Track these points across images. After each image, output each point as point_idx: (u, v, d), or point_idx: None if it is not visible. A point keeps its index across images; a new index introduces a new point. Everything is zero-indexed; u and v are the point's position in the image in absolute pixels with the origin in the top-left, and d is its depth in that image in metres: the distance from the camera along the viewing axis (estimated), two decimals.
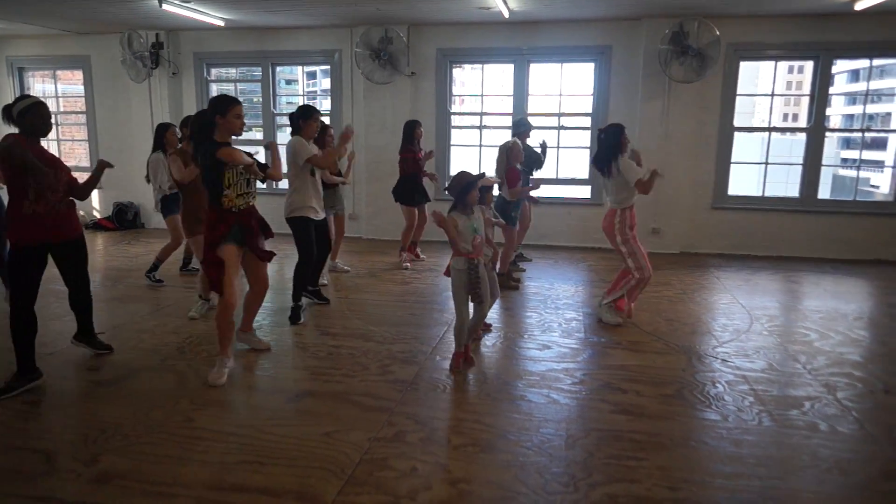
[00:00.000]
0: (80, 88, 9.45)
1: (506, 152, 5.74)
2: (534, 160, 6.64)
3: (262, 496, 2.47)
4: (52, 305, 5.04)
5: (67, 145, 9.99)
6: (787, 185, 8.30)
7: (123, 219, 9.19)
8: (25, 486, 2.54)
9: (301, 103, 9.72)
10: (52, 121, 3.58)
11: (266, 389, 3.62)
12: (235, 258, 3.65)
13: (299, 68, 9.68)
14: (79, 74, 9.44)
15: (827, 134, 7.53)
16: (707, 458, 2.84)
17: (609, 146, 4.62)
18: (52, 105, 9.88)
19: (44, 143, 3.56)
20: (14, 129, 3.44)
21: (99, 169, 3.79)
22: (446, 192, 3.75)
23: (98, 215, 9.48)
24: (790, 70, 29.38)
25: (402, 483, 2.58)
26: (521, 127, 6.58)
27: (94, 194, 9.43)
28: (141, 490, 2.50)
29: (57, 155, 3.60)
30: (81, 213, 9.15)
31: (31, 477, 2.61)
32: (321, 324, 4.75)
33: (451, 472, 2.67)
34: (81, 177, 3.76)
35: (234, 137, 3.68)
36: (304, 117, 4.68)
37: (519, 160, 5.78)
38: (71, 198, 3.63)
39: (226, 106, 3.55)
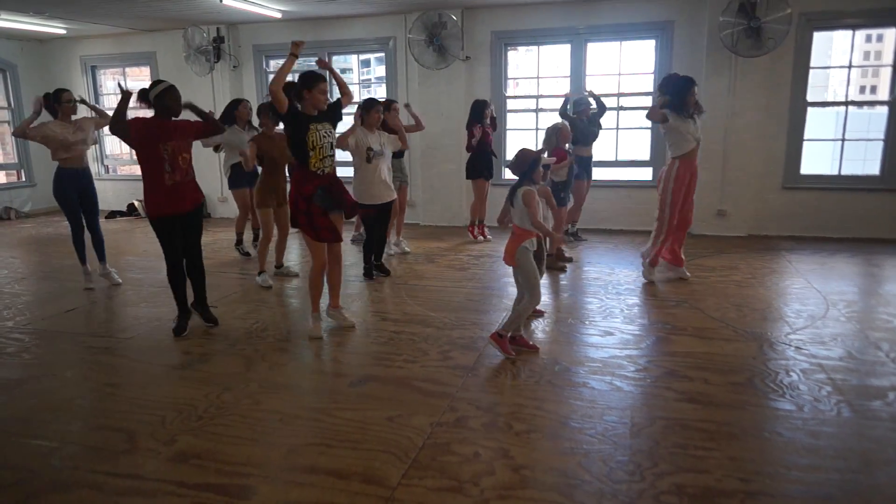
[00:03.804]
0: (148, 84, 9.82)
1: (555, 134, 5.69)
2: (589, 132, 6.60)
3: (330, 478, 2.53)
4: (127, 293, 5.32)
5: None
6: (865, 162, 7.82)
7: None
8: (109, 463, 2.70)
9: (356, 92, 9.88)
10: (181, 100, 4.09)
11: (330, 374, 3.71)
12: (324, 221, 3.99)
13: (354, 57, 9.78)
14: (146, 71, 9.84)
15: None
16: (781, 450, 2.72)
17: (672, 97, 4.91)
18: None
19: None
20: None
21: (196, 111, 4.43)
22: (508, 170, 3.79)
23: None
24: (867, 39, 27.55)
25: (465, 468, 2.59)
26: (579, 105, 6.57)
27: None
28: (216, 470, 2.61)
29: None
30: None
31: (114, 454, 2.76)
32: (381, 309, 4.82)
33: (514, 458, 2.67)
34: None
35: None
36: (365, 109, 5.28)
37: (567, 141, 5.75)
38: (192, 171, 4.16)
39: (312, 81, 3.89)
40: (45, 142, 5.15)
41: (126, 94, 4.11)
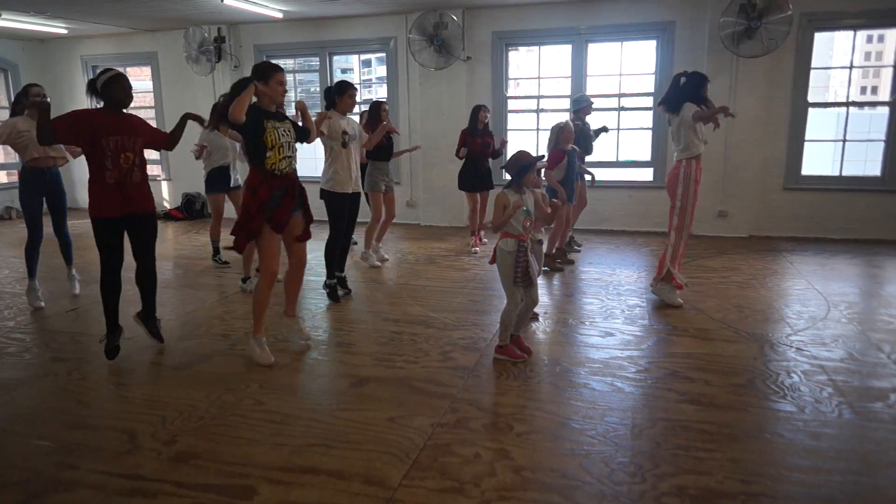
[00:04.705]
0: (149, 84, 9.85)
1: (556, 133, 5.66)
2: (587, 139, 6.43)
3: (331, 478, 2.53)
4: (127, 293, 5.30)
5: None
6: (865, 162, 7.82)
7: (192, 209, 9.56)
8: (110, 463, 2.69)
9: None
10: (132, 91, 3.74)
11: (330, 374, 3.70)
12: (273, 237, 3.65)
13: (355, 57, 9.78)
14: (147, 70, 9.85)
15: None
16: (783, 452, 2.72)
17: (685, 89, 4.54)
18: None
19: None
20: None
21: (183, 120, 3.98)
22: (503, 170, 3.75)
23: (168, 206, 9.90)
24: (868, 39, 27.53)
25: (465, 469, 2.59)
26: (580, 103, 6.43)
27: (164, 185, 9.86)
28: (216, 470, 2.61)
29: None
30: None
31: (115, 455, 2.76)
32: (382, 310, 4.82)
33: (515, 459, 2.66)
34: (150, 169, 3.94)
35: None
36: (338, 93, 4.89)
37: (569, 142, 5.70)
38: (146, 170, 3.80)
39: (267, 72, 3.55)
40: (16, 139, 4.74)
41: (45, 105, 3.55)
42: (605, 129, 6.60)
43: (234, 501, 2.40)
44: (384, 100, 6.34)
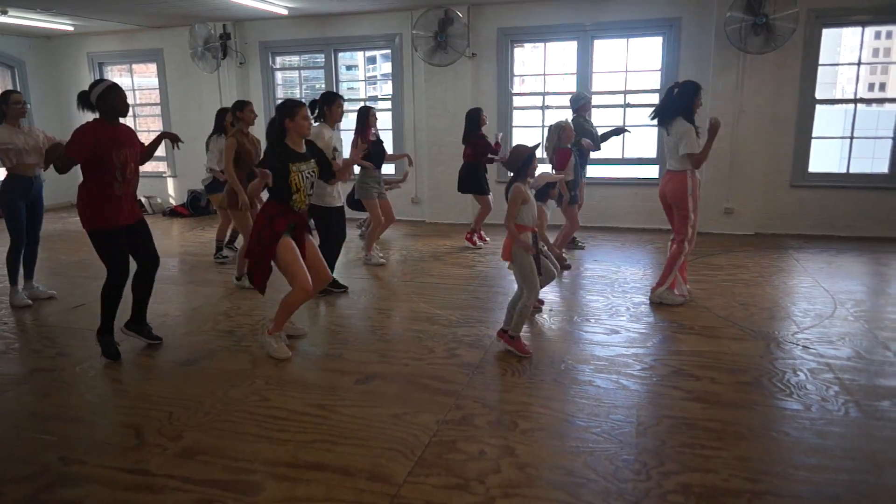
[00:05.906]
0: (155, 81, 9.86)
1: (557, 131, 5.66)
2: (593, 137, 6.36)
3: (336, 475, 2.54)
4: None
5: (144, 136, 10.43)
6: (873, 160, 7.76)
7: (197, 206, 9.56)
8: (117, 458, 2.71)
9: (362, 88, 9.78)
10: (129, 101, 3.78)
11: (335, 371, 3.70)
12: (294, 249, 3.69)
13: (360, 54, 9.76)
14: (153, 67, 9.85)
15: None
16: (789, 450, 2.71)
17: (677, 101, 4.44)
18: (129, 98, 10.36)
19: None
20: (91, 116, 3.66)
21: (159, 138, 4.03)
22: (503, 166, 3.78)
23: (174, 202, 9.92)
24: (877, 35, 27.36)
25: (470, 466, 2.59)
26: (578, 101, 6.42)
27: (170, 182, 9.88)
28: (222, 466, 2.62)
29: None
30: (159, 199, 9.63)
31: (122, 450, 2.77)
32: (387, 307, 4.83)
33: (520, 456, 2.67)
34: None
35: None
36: (327, 103, 4.82)
37: (570, 140, 5.71)
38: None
39: (293, 109, 3.67)
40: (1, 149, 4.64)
41: (57, 146, 3.63)
42: (622, 131, 6.56)
43: (240, 497, 2.41)
44: (372, 106, 5.98)
